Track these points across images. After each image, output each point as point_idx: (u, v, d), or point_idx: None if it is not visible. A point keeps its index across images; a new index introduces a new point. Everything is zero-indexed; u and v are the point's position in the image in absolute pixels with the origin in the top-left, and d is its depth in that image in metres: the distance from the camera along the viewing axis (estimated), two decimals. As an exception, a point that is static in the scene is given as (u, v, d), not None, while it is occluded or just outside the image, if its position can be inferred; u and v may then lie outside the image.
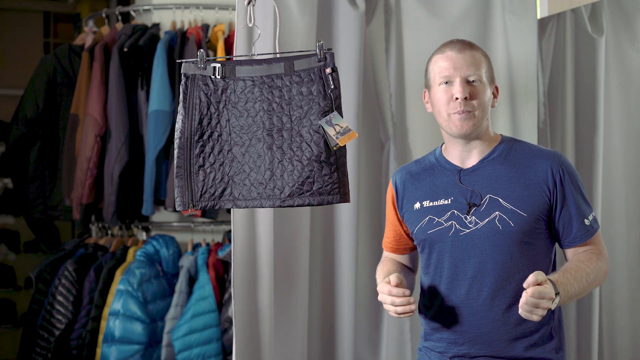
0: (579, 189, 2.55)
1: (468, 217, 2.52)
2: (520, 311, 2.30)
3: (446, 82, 2.53)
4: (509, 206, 2.49)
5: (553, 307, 2.31)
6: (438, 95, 2.56)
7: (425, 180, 2.65)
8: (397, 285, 2.43)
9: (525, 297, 2.27)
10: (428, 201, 2.61)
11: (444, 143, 2.68)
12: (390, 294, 2.42)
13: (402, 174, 2.73)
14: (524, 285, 2.28)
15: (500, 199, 2.50)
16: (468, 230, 2.52)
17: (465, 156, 2.59)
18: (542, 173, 2.52)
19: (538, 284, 2.27)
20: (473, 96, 2.51)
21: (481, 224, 2.51)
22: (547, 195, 2.51)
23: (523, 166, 2.54)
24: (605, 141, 4.04)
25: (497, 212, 2.49)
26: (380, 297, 2.47)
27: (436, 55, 2.61)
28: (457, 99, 2.50)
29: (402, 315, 2.43)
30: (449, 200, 2.57)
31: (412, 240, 2.73)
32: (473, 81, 2.52)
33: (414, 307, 2.42)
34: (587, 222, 2.54)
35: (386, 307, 2.46)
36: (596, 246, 2.57)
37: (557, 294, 2.31)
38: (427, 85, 2.64)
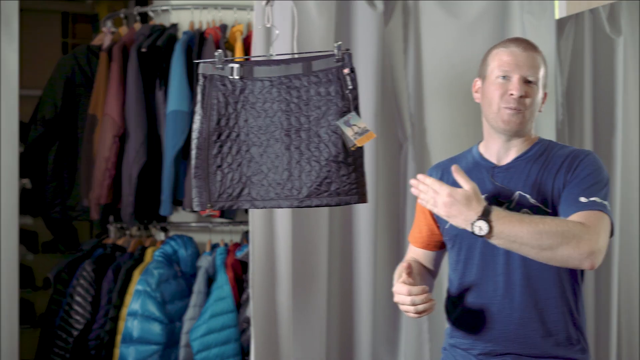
0: (592, 175, 2.49)
1: None
2: (412, 189, 2.38)
3: (504, 77, 2.54)
4: (536, 203, 2.49)
5: (476, 230, 2.28)
6: (492, 87, 2.56)
7: None
8: (409, 274, 2.43)
9: (431, 182, 2.34)
10: None
11: (481, 141, 2.68)
12: (410, 294, 2.38)
13: (437, 172, 2.73)
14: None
15: (528, 196, 2.50)
16: None
17: (502, 153, 2.60)
18: (565, 166, 2.52)
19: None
20: (527, 95, 2.52)
21: None
22: (564, 185, 2.50)
23: (554, 164, 2.54)
24: (624, 142, 4.03)
25: (525, 209, 2.48)
26: (397, 298, 2.44)
27: (499, 49, 2.60)
28: (512, 94, 2.51)
29: (422, 314, 2.40)
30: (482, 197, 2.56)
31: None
32: (530, 82, 2.54)
33: (434, 303, 2.40)
34: (582, 199, 2.43)
35: (404, 307, 2.41)
36: (584, 220, 2.38)
37: (483, 219, 2.28)
38: (482, 76, 2.64)
